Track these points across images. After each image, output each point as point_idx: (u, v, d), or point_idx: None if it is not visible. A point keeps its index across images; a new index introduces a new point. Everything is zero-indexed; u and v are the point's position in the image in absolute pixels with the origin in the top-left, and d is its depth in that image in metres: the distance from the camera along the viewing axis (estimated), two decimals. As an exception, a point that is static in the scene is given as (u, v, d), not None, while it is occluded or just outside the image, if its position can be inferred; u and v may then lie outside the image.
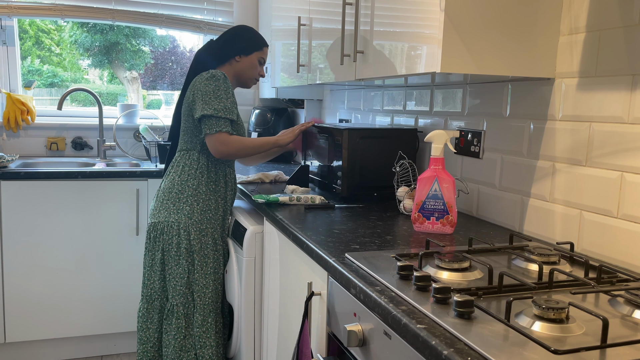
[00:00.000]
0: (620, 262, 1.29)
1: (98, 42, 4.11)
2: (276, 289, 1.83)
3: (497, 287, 1.05)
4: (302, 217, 1.73)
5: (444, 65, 1.33)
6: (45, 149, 3.20)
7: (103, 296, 2.80)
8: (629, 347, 0.83)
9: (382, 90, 2.45)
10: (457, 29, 1.33)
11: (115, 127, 3.27)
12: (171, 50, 4.24)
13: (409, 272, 1.12)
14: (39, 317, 2.73)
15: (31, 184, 2.64)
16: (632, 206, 1.26)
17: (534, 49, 1.43)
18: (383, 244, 1.43)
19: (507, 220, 1.67)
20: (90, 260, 2.77)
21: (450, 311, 0.95)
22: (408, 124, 2.23)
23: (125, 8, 3.17)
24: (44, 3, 3.04)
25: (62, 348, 2.83)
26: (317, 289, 1.41)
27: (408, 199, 1.79)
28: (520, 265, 1.24)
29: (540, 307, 0.90)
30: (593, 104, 1.36)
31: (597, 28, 1.34)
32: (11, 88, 3.19)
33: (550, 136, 1.50)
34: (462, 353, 0.81)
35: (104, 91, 4.18)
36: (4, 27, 3.11)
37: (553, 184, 1.49)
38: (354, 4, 1.76)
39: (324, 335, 1.37)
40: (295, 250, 1.61)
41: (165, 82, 4.18)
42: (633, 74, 1.25)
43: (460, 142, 1.87)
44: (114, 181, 2.76)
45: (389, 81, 2.00)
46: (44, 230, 2.68)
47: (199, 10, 3.34)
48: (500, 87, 1.69)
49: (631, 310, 0.98)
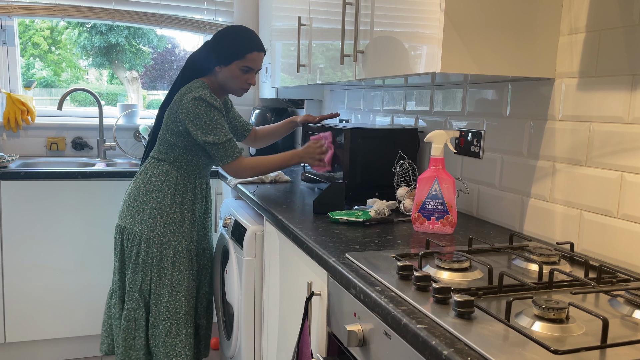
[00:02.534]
0: (620, 262, 1.29)
1: (98, 43, 4.11)
2: (276, 288, 1.83)
3: (497, 287, 1.05)
4: (303, 217, 1.73)
5: (444, 65, 1.33)
6: (45, 149, 3.20)
7: (103, 296, 2.80)
8: (629, 347, 0.83)
9: (382, 90, 2.45)
10: (457, 29, 1.33)
11: (115, 127, 3.27)
12: (171, 50, 4.24)
13: (409, 272, 1.12)
14: (39, 317, 2.73)
15: (31, 184, 2.64)
16: (632, 206, 1.26)
17: (534, 49, 1.43)
18: (383, 244, 1.43)
19: (507, 220, 1.67)
20: (90, 260, 2.77)
21: (450, 311, 0.95)
22: (408, 124, 2.23)
23: (125, 8, 3.17)
24: (44, 3, 3.04)
25: (62, 348, 2.83)
26: (317, 289, 1.41)
27: (408, 199, 1.79)
28: (520, 265, 1.24)
29: (540, 307, 0.90)
30: (593, 104, 1.36)
31: (597, 28, 1.34)
32: (11, 88, 3.19)
33: (550, 136, 1.50)
34: (462, 353, 0.81)
35: (104, 91, 4.18)
36: (4, 27, 3.11)
37: (553, 184, 1.49)
38: (354, 4, 1.76)
39: (324, 335, 1.37)
40: (295, 250, 1.61)
41: (165, 82, 4.18)
42: (633, 74, 1.25)
43: (460, 142, 1.87)
44: (114, 181, 2.76)
45: (389, 81, 2.00)
46: (44, 230, 2.68)
47: (199, 10, 3.34)
48: (500, 87, 1.69)
49: (631, 310, 0.98)
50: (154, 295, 2.04)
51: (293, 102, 3.36)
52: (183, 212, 2.05)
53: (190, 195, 2.07)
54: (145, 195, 2.03)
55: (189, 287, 2.06)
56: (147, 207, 2.02)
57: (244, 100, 3.54)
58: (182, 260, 2.05)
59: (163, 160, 2.04)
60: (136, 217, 2.03)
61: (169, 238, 2.02)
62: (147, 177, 2.05)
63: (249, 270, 2.01)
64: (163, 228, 2.02)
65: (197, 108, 1.90)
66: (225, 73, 2.00)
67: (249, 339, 2.05)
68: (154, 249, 2.01)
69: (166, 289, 2.03)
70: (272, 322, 1.89)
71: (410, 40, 1.47)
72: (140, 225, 2.02)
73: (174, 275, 2.03)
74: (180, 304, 2.04)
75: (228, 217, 2.30)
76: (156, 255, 2.02)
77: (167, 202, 2.02)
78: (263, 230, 2.00)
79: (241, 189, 2.29)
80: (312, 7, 2.19)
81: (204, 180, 2.14)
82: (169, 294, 2.03)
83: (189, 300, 2.07)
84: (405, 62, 1.49)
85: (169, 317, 2.03)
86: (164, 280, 2.03)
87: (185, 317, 2.05)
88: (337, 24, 1.94)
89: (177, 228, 2.04)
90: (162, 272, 2.03)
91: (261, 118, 3.32)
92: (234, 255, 2.13)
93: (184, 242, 2.06)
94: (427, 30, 1.38)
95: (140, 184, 2.05)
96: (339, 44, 1.92)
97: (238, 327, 2.09)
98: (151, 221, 2.01)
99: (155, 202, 2.02)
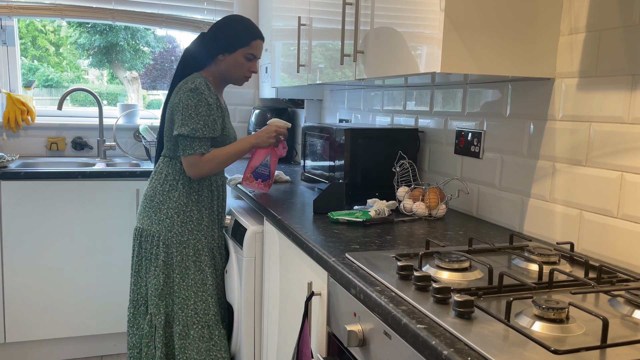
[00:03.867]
0: (620, 262, 1.29)
1: (98, 43, 4.11)
2: (276, 289, 1.83)
3: (497, 287, 1.05)
4: (303, 217, 1.73)
5: (444, 65, 1.33)
6: (45, 149, 3.20)
7: (103, 296, 2.80)
8: (629, 347, 0.83)
9: (382, 90, 2.45)
10: (457, 29, 1.33)
11: (115, 127, 3.27)
12: (171, 50, 4.24)
13: (409, 272, 1.12)
14: (39, 317, 2.73)
15: (31, 184, 2.64)
16: (632, 206, 1.26)
17: (534, 49, 1.43)
18: (383, 244, 1.43)
19: (507, 220, 1.67)
20: (90, 260, 2.77)
21: (450, 311, 0.95)
22: (408, 124, 2.23)
23: (125, 8, 3.17)
24: (44, 3, 3.04)
25: (62, 348, 2.83)
26: (317, 289, 1.41)
27: (408, 199, 1.79)
28: (520, 265, 1.24)
29: (540, 307, 0.90)
30: (593, 104, 1.36)
31: (597, 28, 1.34)
32: (11, 88, 3.19)
33: (550, 136, 1.50)
34: (462, 353, 0.81)
35: (104, 91, 4.18)
36: (4, 27, 3.11)
37: (553, 184, 1.49)
38: (354, 4, 1.76)
39: (324, 335, 1.37)
40: (295, 250, 1.61)
41: (165, 82, 4.18)
42: (633, 74, 1.25)
43: (460, 142, 1.87)
44: (114, 181, 2.76)
45: (389, 81, 2.00)
46: (44, 230, 2.68)
47: (199, 10, 3.34)
48: (500, 87, 1.69)
49: (631, 310, 0.98)
50: (180, 299, 1.98)
51: (293, 102, 3.36)
52: (200, 210, 2.03)
53: (206, 192, 2.04)
54: (162, 195, 2.00)
55: (213, 286, 2.03)
56: (164, 207, 1.99)
57: (244, 100, 3.54)
58: (204, 259, 2.01)
59: (174, 158, 2.02)
60: (153, 218, 1.99)
61: (187, 237, 1.99)
62: (162, 176, 2.02)
63: (249, 270, 2.01)
64: (181, 227, 1.98)
65: (189, 99, 1.89)
66: (229, 61, 1.99)
67: (249, 339, 2.05)
68: (173, 249, 1.98)
69: (191, 289, 1.98)
70: (272, 322, 1.89)
71: (410, 40, 1.47)
72: (158, 225, 1.98)
73: (197, 275, 1.99)
74: (207, 305, 2.00)
75: (228, 217, 2.30)
76: (176, 256, 1.98)
77: (183, 200, 1.99)
78: (263, 230, 2.00)
79: (241, 188, 2.29)
80: (312, 7, 2.19)
81: (220, 176, 2.12)
82: (195, 295, 1.98)
83: (216, 300, 2.03)
84: (405, 62, 1.49)
85: (199, 320, 1.98)
86: (187, 282, 1.98)
87: (215, 318, 2.01)
88: (337, 24, 1.94)
89: (195, 226, 2.01)
90: (184, 273, 1.98)
91: (261, 118, 3.32)
92: (234, 255, 2.13)
93: (204, 241, 2.03)
94: (427, 30, 1.38)
95: (156, 184, 2.02)
96: (338, 44, 1.92)
97: (238, 327, 2.09)
98: (168, 221, 1.98)
99: (171, 201, 1.99)
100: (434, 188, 1.77)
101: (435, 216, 1.75)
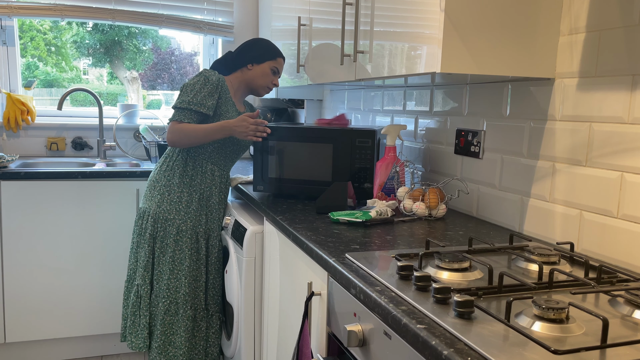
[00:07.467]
0: (620, 262, 1.29)
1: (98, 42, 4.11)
2: (276, 288, 1.83)
3: (497, 287, 1.05)
4: (303, 217, 1.73)
5: (444, 65, 1.33)
6: (45, 149, 3.20)
7: (103, 296, 2.80)
8: (629, 347, 0.83)
9: (382, 90, 2.45)
10: (457, 29, 1.33)
11: (115, 127, 3.27)
12: (171, 50, 4.24)
13: (409, 272, 1.12)
14: (39, 317, 2.73)
15: (31, 184, 2.64)
16: (632, 206, 1.26)
17: (534, 49, 1.43)
18: (383, 244, 1.43)
19: (507, 220, 1.67)
20: (90, 260, 2.77)
21: (450, 311, 0.95)
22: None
23: (125, 8, 3.17)
24: (44, 3, 3.04)
25: (62, 348, 2.83)
26: (317, 289, 1.41)
27: (408, 199, 1.79)
28: (520, 265, 1.24)
29: (540, 307, 0.90)
30: (593, 104, 1.36)
31: (597, 28, 1.34)
32: (11, 88, 3.19)
33: (550, 136, 1.50)
34: (462, 353, 0.81)
35: (104, 91, 4.18)
36: (4, 27, 3.11)
37: (553, 184, 1.49)
38: (354, 4, 1.76)
39: (324, 335, 1.37)
40: (295, 250, 1.61)
41: (165, 82, 4.18)
42: (633, 74, 1.25)
43: (460, 142, 1.87)
44: (114, 181, 2.76)
45: (389, 81, 2.00)
46: (44, 230, 2.68)
47: (199, 10, 3.34)
48: (500, 87, 1.69)
49: (631, 310, 0.98)
50: (157, 272, 2.14)
51: (293, 102, 3.36)
52: (191, 194, 2.15)
53: (199, 178, 2.17)
54: (158, 175, 2.18)
55: (190, 267, 2.14)
56: (158, 185, 2.16)
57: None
58: (185, 240, 2.13)
59: None
60: (148, 195, 2.18)
61: (173, 216, 2.13)
62: (163, 159, 2.21)
63: (249, 270, 2.01)
64: (169, 205, 2.13)
65: (192, 79, 2.09)
66: (257, 70, 2.19)
67: (249, 339, 2.05)
68: (158, 225, 2.13)
69: (167, 266, 2.12)
70: (272, 322, 1.89)
71: (410, 41, 1.47)
72: (150, 201, 2.16)
73: (175, 254, 2.12)
74: (180, 283, 2.12)
75: (228, 217, 2.30)
76: (160, 231, 2.13)
77: (175, 181, 2.14)
78: (263, 230, 2.00)
79: (241, 188, 2.29)
80: (312, 7, 2.19)
81: (217, 166, 2.20)
82: (169, 272, 2.12)
83: (190, 282, 2.14)
84: (405, 62, 1.49)
85: (169, 295, 2.12)
86: (165, 257, 2.13)
87: (185, 298, 2.13)
88: (337, 24, 1.94)
89: (183, 207, 2.14)
90: (164, 249, 2.13)
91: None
92: (234, 255, 2.13)
93: (190, 223, 2.14)
94: (427, 30, 1.38)
95: (157, 166, 2.21)
96: (339, 44, 1.92)
97: (238, 327, 2.09)
98: (159, 197, 2.14)
99: (165, 180, 2.16)
100: (434, 188, 1.77)
101: (435, 216, 1.75)
